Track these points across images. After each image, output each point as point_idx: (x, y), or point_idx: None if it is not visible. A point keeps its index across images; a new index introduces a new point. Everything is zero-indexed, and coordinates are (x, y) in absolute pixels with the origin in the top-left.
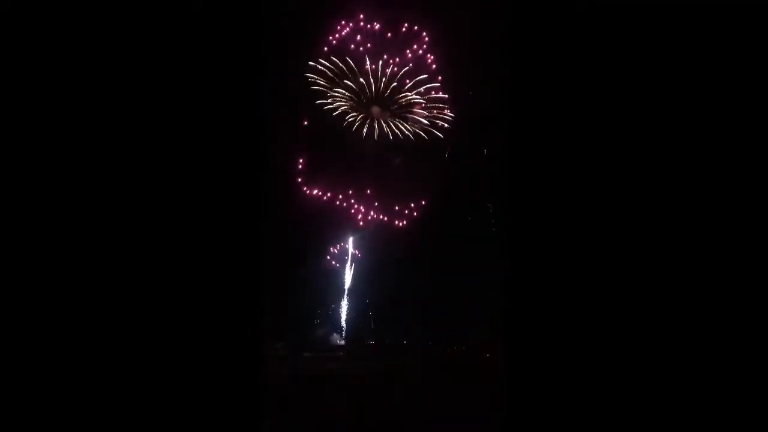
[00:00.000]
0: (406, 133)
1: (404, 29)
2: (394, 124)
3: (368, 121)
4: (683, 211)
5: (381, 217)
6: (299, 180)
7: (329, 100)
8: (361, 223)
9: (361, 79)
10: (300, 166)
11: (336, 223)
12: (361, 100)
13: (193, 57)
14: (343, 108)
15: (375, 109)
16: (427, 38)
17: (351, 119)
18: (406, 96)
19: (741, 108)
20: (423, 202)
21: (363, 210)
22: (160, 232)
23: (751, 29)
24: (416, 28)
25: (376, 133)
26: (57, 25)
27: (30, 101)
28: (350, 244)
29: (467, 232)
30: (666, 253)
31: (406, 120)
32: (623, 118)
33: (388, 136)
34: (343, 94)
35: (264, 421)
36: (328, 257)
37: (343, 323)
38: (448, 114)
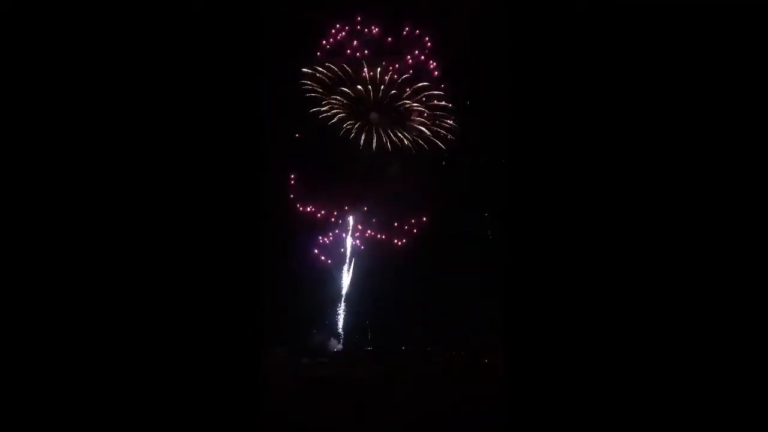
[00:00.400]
0: (406, 142)
1: (405, 33)
2: (393, 133)
3: (366, 129)
4: (682, 220)
5: (379, 235)
6: (291, 196)
7: (325, 108)
8: (357, 242)
9: (359, 86)
10: (292, 181)
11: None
12: (358, 107)
13: (194, 57)
14: (339, 116)
15: (373, 115)
16: (429, 44)
17: (348, 127)
18: (406, 104)
19: (739, 108)
20: (424, 218)
21: (360, 227)
22: (162, 236)
23: (750, 29)
24: (417, 32)
25: (374, 142)
26: (58, 26)
27: (30, 101)
28: (348, 244)
29: (466, 238)
30: (664, 261)
31: (405, 128)
32: (625, 124)
33: (387, 144)
34: (340, 101)
35: (264, 422)
36: (316, 251)
37: (341, 329)
38: (450, 122)
